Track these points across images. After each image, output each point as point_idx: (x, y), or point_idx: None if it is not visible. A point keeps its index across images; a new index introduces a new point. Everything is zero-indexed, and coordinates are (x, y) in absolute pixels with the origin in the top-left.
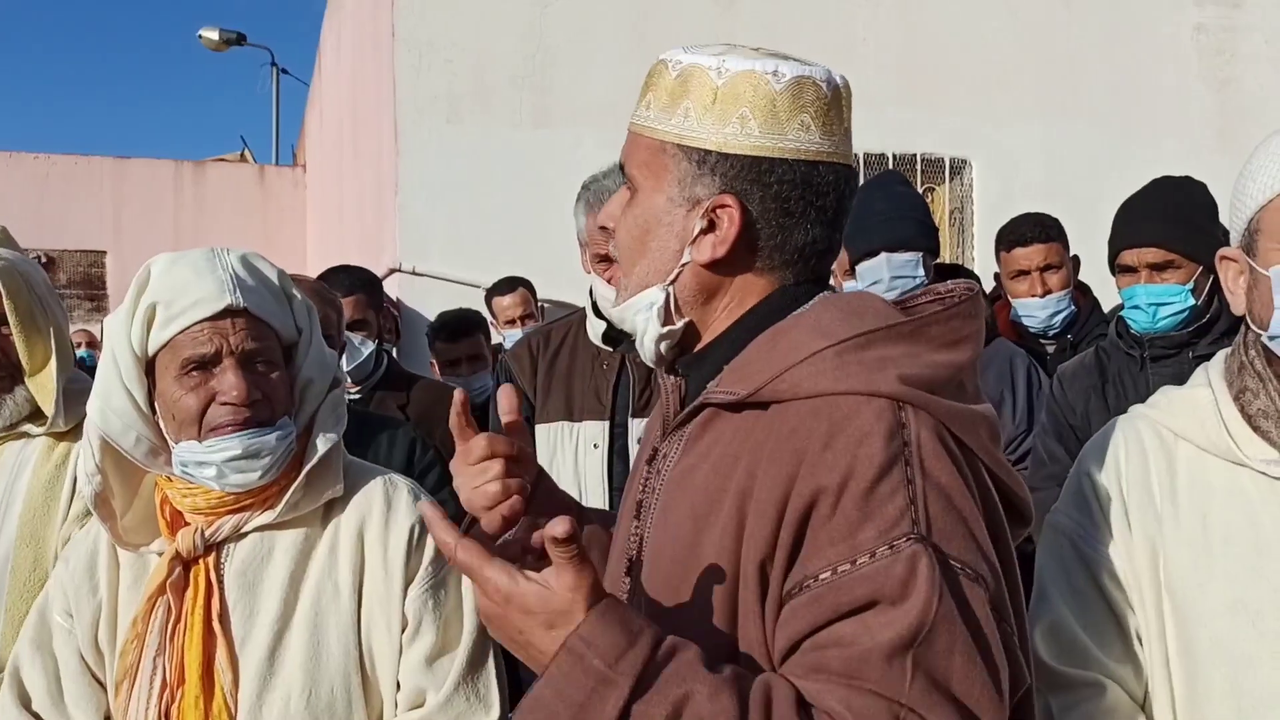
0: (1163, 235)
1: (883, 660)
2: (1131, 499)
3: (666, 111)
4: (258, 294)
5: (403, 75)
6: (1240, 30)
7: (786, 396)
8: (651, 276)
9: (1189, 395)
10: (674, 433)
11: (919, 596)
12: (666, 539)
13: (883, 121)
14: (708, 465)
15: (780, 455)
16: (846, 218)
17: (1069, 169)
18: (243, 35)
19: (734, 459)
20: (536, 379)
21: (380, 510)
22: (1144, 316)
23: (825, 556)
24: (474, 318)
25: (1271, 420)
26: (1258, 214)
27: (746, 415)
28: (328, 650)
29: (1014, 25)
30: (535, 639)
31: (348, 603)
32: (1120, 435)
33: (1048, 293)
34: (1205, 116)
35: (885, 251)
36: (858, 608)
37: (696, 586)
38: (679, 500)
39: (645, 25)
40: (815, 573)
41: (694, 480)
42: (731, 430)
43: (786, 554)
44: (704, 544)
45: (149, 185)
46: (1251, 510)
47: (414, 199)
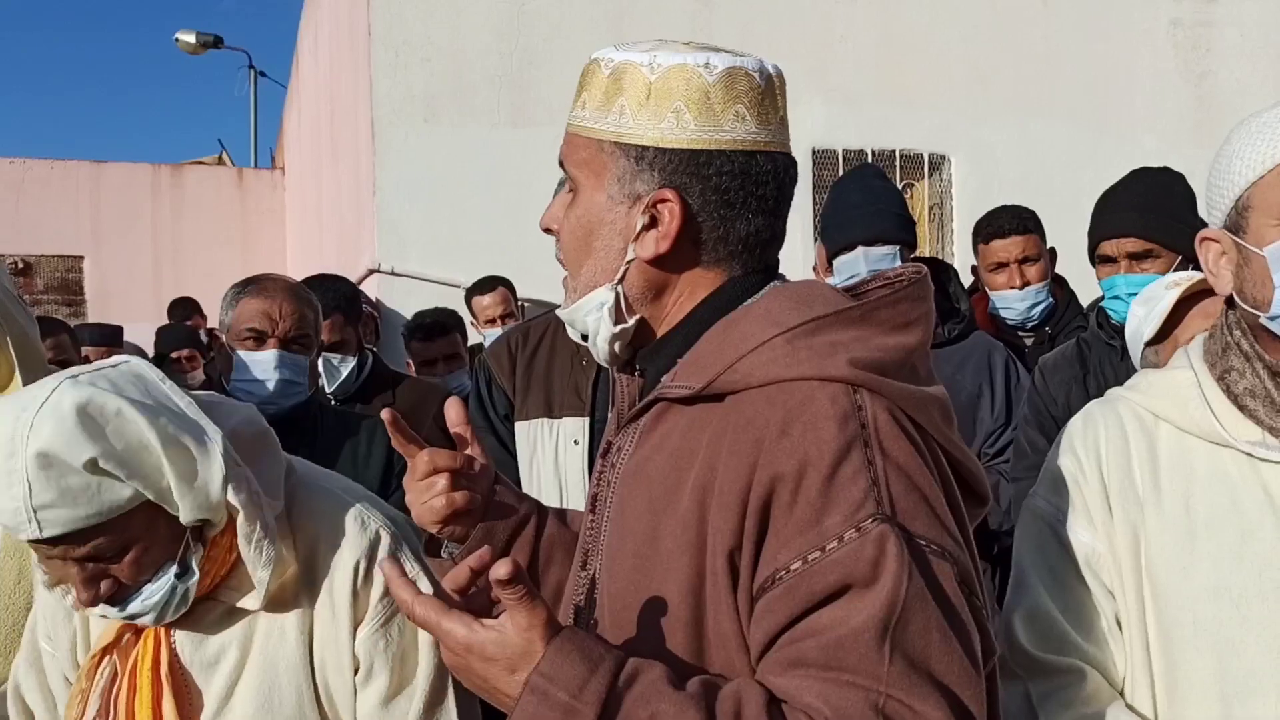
0: (1141, 225)
1: (860, 645)
2: (1112, 483)
3: (602, 110)
4: (67, 500)
5: (380, 75)
6: (1216, 24)
7: (740, 387)
8: (599, 276)
9: (1169, 377)
10: (628, 426)
11: (890, 576)
12: (625, 533)
13: (861, 118)
14: (662, 458)
15: (739, 446)
16: (788, 206)
17: (1047, 164)
18: (220, 38)
19: (690, 452)
20: (515, 376)
21: (325, 546)
22: (1124, 306)
23: (794, 546)
24: (449, 317)
25: (1259, 399)
26: (1247, 191)
27: (700, 408)
28: (279, 694)
29: (992, 21)
30: (500, 684)
31: (295, 645)
32: (1100, 418)
33: (1026, 284)
34: (1182, 110)
35: (862, 245)
36: (831, 594)
37: (659, 580)
38: (635, 494)
39: (623, 24)
40: (786, 564)
41: (649, 473)
42: (686, 423)
43: (753, 543)
44: (663, 537)
45: (126, 189)
46: (1234, 492)
47: (392, 199)
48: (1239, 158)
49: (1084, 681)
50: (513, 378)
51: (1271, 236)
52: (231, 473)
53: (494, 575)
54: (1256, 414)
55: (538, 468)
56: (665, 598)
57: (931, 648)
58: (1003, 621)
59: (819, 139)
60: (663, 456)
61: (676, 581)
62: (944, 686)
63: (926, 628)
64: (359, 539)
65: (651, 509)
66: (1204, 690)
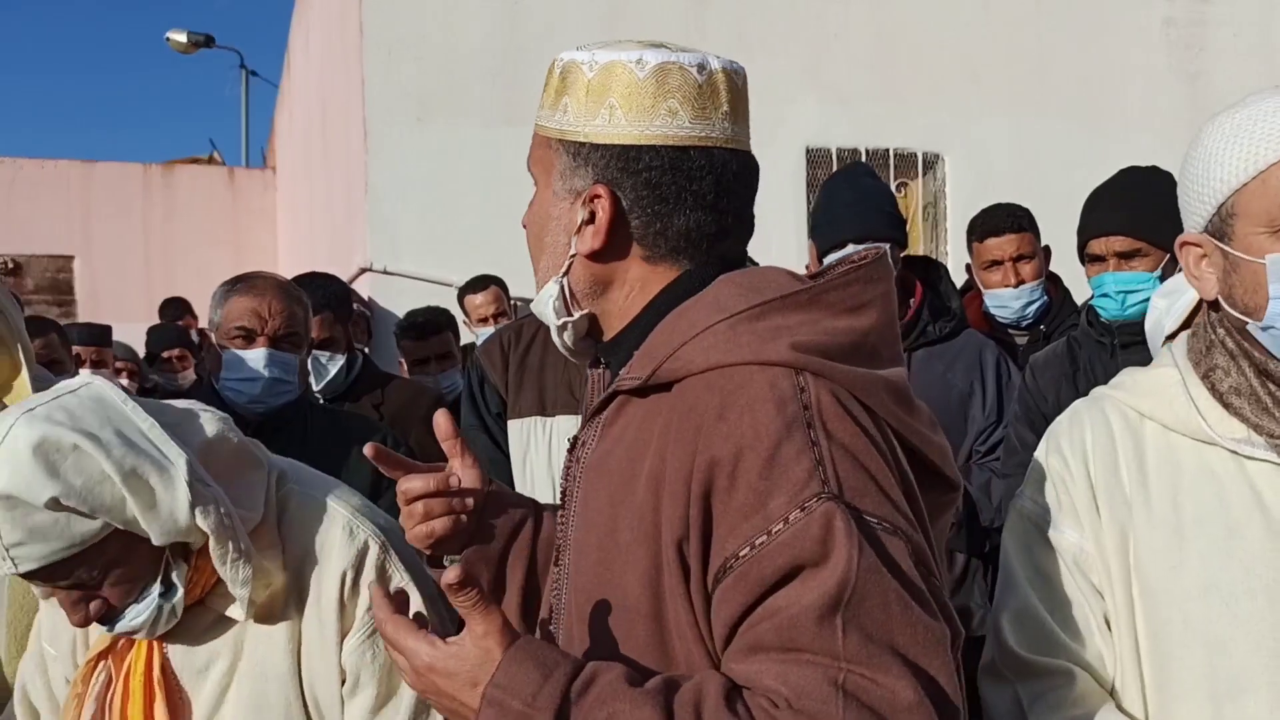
0: (1129, 224)
1: (813, 623)
2: (1099, 481)
3: (552, 109)
4: (37, 537)
5: (372, 73)
6: (1209, 24)
7: (681, 374)
8: (550, 270)
9: (1155, 375)
10: (591, 421)
11: (840, 553)
12: (588, 527)
13: (855, 116)
14: (621, 450)
15: (683, 433)
16: (737, 200)
17: (1041, 163)
18: (211, 37)
19: (643, 443)
20: (508, 374)
21: (314, 557)
22: (1113, 304)
23: (741, 533)
24: (441, 316)
25: (1244, 397)
26: (1231, 198)
27: (654, 399)
28: (267, 703)
29: (986, 20)
30: (464, 698)
31: (283, 654)
32: (1086, 417)
33: (1020, 283)
34: (1175, 110)
35: (853, 243)
36: (782, 577)
37: (619, 574)
38: (597, 488)
39: (615, 23)
40: (735, 551)
41: (609, 466)
42: (641, 414)
43: (700, 531)
44: (621, 530)
45: (117, 188)
46: (1221, 490)
47: (384, 198)
48: (1217, 162)
49: (1073, 683)
50: (505, 376)
51: (1261, 245)
52: (198, 496)
53: (444, 581)
54: (1242, 412)
55: (531, 466)
56: (626, 591)
57: (892, 620)
58: (991, 623)
59: (813, 138)
60: (621, 449)
61: (635, 574)
62: (907, 658)
63: (885, 601)
64: (347, 549)
65: (611, 502)
66: (1194, 689)
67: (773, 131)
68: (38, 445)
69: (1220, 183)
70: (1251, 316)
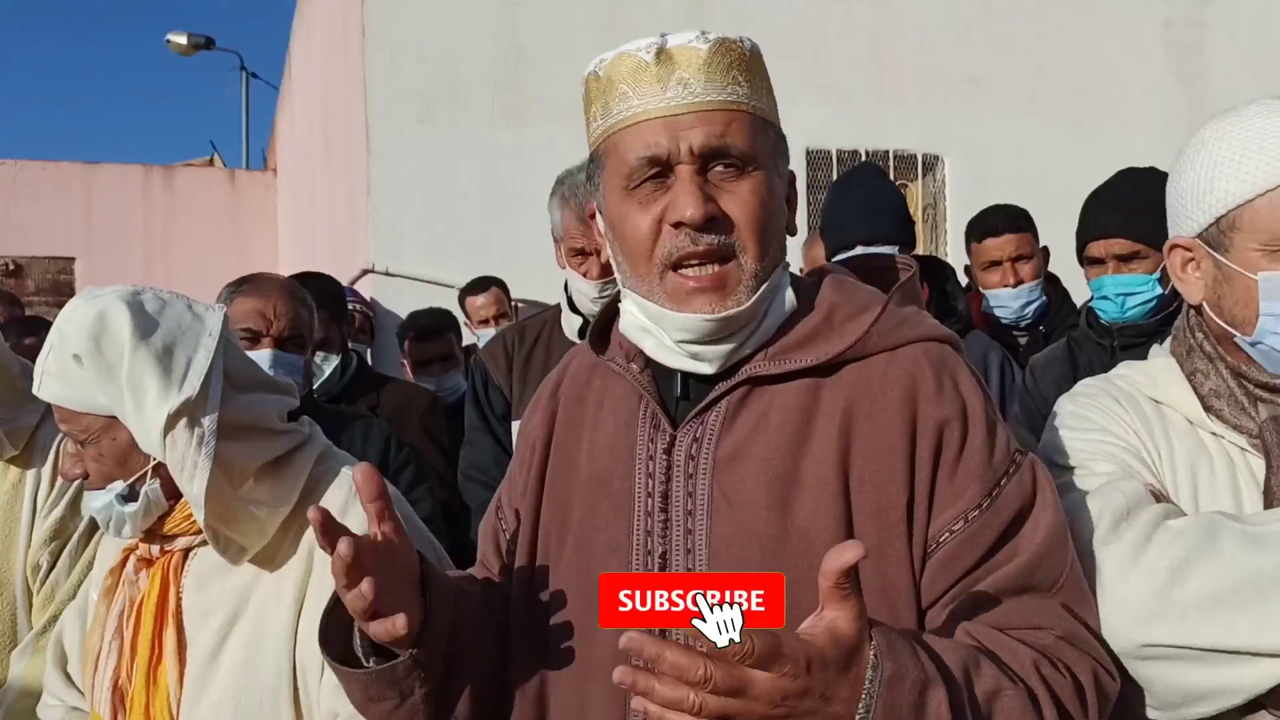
0: (1128, 226)
1: (1048, 560)
2: (1141, 433)
3: (756, 91)
4: (54, 380)
5: (374, 75)
6: (1208, 25)
7: (869, 351)
8: (777, 257)
9: (1154, 363)
10: (699, 416)
11: (1048, 495)
12: (740, 520)
13: (855, 118)
14: (768, 436)
15: (887, 405)
16: None
17: (1041, 164)
18: (211, 39)
19: (802, 424)
20: (512, 375)
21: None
22: (1113, 307)
23: (975, 490)
24: (445, 318)
25: (1224, 399)
26: (1233, 212)
27: (804, 383)
28: (262, 661)
29: (985, 22)
30: (838, 692)
31: (287, 613)
32: (1100, 387)
33: (1019, 282)
34: (1174, 111)
35: (861, 245)
36: (1010, 524)
37: (799, 554)
38: (744, 477)
39: (617, 23)
40: (969, 508)
41: (755, 454)
42: (785, 400)
43: (927, 490)
44: (796, 513)
45: (118, 190)
46: (1231, 468)
47: (386, 199)
48: (1222, 173)
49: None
50: (509, 377)
51: (1256, 262)
52: (174, 430)
53: (832, 567)
54: (1222, 414)
55: None
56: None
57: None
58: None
59: (813, 140)
60: (768, 435)
61: (826, 550)
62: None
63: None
64: (362, 517)
65: (771, 487)
66: None
67: None
68: (102, 314)
69: (1224, 194)
70: (1239, 329)
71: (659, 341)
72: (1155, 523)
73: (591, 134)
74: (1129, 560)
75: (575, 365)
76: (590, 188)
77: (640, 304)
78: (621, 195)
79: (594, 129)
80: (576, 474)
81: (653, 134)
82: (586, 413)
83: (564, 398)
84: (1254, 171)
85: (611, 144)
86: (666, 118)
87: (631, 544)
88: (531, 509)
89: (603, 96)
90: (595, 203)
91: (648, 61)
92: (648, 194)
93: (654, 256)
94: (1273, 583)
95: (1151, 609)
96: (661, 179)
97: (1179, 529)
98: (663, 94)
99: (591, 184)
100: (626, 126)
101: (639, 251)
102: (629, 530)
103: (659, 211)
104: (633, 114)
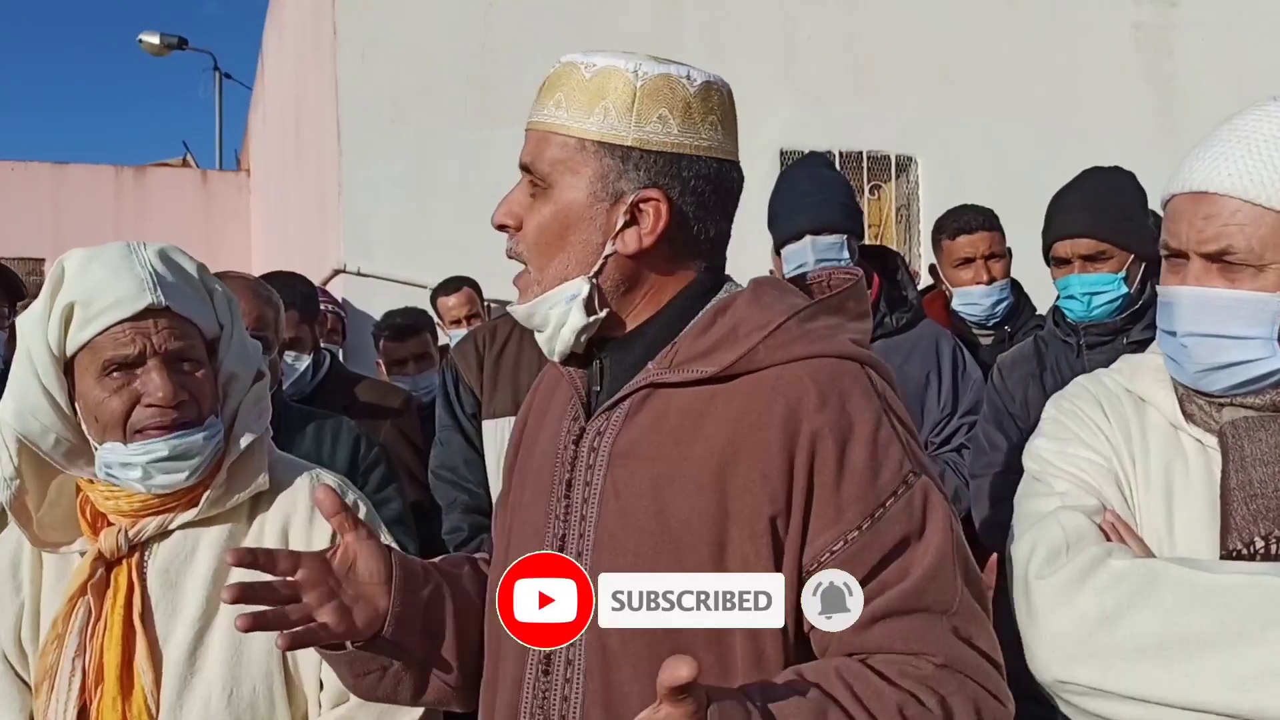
0: (1093, 226)
1: (930, 585)
2: (1116, 441)
3: (584, 111)
4: (178, 290)
5: (345, 74)
6: (1178, 28)
7: (761, 365)
8: (571, 269)
9: (1149, 359)
10: (607, 412)
11: (939, 518)
12: (626, 511)
13: (828, 119)
14: (657, 437)
15: (770, 419)
16: (735, 211)
17: (1013, 165)
18: (184, 39)
19: (694, 429)
20: (483, 374)
21: (305, 506)
22: (1079, 306)
23: (855, 511)
24: (420, 317)
25: (1195, 402)
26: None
27: (702, 389)
28: (249, 648)
29: (958, 24)
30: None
31: None
32: (1088, 383)
33: (991, 280)
34: (1145, 113)
35: (810, 235)
36: (893, 549)
37: (670, 553)
38: (632, 472)
39: (590, 25)
40: (852, 525)
41: (643, 452)
42: (682, 404)
43: (802, 510)
44: (672, 513)
45: (89, 191)
46: (1208, 468)
47: (358, 199)
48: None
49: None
50: (480, 376)
51: (1165, 275)
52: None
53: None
54: (1194, 416)
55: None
56: (692, 562)
57: (972, 573)
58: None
59: (786, 140)
60: (658, 436)
61: (694, 553)
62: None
63: (966, 556)
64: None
65: (654, 485)
66: None
67: (748, 134)
68: (199, 268)
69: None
70: None
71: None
72: (1094, 563)
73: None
74: (1061, 597)
75: (550, 366)
76: None
77: None
78: None
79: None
80: (529, 462)
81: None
82: (543, 408)
83: (535, 396)
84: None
85: None
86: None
87: (546, 527)
88: (501, 498)
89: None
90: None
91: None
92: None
93: None
94: (1200, 644)
95: (1077, 650)
96: None
97: (1119, 573)
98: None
99: None
100: None
101: None
102: (545, 513)
103: None
104: None
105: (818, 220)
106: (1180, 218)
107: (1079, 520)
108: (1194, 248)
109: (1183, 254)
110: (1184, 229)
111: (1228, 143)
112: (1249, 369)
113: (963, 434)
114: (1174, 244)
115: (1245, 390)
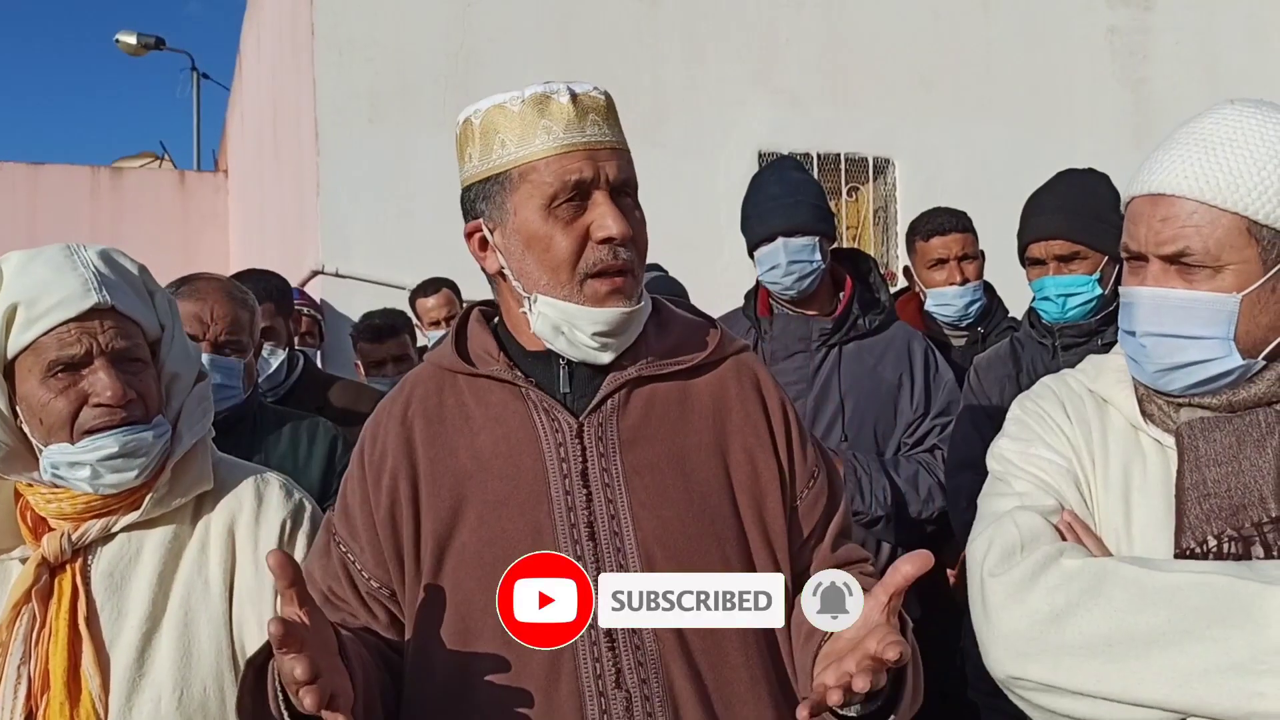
0: (1068, 227)
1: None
2: (1077, 441)
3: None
4: (121, 290)
5: (323, 74)
6: (1152, 31)
7: (723, 355)
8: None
9: (1114, 359)
10: (596, 409)
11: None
12: (653, 486)
13: (806, 121)
14: (657, 422)
15: (748, 396)
16: None
17: (990, 168)
18: (161, 39)
19: (681, 413)
20: None
21: (251, 506)
22: (1054, 307)
23: (812, 453)
24: (398, 319)
25: (1153, 402)
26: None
27: (675, 383)
28: (199, 649)
29: (934, 27)
30: None
31: (218, 600)
32: (1053, 384)
33: (965, 281)
34: (1120, 116)
35: (782, 237)
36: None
37: (700, 511)
38: (647, 452)
39: (569, 24)
40: (816, 465)
41: (649, 434)
42: (663, 394)
43: (787, 455)
44: (695, 479)
45: (65, 191)
46: (1166, 467)
47: (336, 200)
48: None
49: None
50: None
51: (1126, 278)
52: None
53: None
54: (1154, 417)
55: None
56: (726, 523)
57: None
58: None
59: (764, 142)
60: (657, 420)
61: (719, 511)
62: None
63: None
64: (286, 503)
65: (671, 458)
66: None
67: (725, 135)
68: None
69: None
70: None
71: (570, 339)
72: (1046, 562)
73: (491, 163)
74: (1013, 596)
75: (419, 390)
76: (485, 208)
77: (557, 306)
78: (543, 214)
79: (498, 157)
80: (464, 479)
81: (576, 162)
82: (453, 425)
83: (416, 419)
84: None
85: (529, 169)
86: (587, 150)
87: (554, 521)
88: (411, 525)
89: (509, 129)
90: (482, 221)
91: (564, 104)
92: (569, 214)
93: (577, 267)
94: (1147, 642)
95: (1029, 648)
96: (580, 201)
97: (1070, 572)
98: (583, 131)
99: (488, 205)
100: (552, 155)
101: (563, 262)
102: (549, 510)
103: (582, 229)
104: (558, 144)
105: (790, 222)
106: (1139, 220)
107: (1034, 520)
108: (1152, 249)
109: (1142, 256)
110: (1142, 231)
111: (1185, 145)
112: (1205, 368)
113: (935, 435)
114: (1133, 246)
115: (1202, 390)
